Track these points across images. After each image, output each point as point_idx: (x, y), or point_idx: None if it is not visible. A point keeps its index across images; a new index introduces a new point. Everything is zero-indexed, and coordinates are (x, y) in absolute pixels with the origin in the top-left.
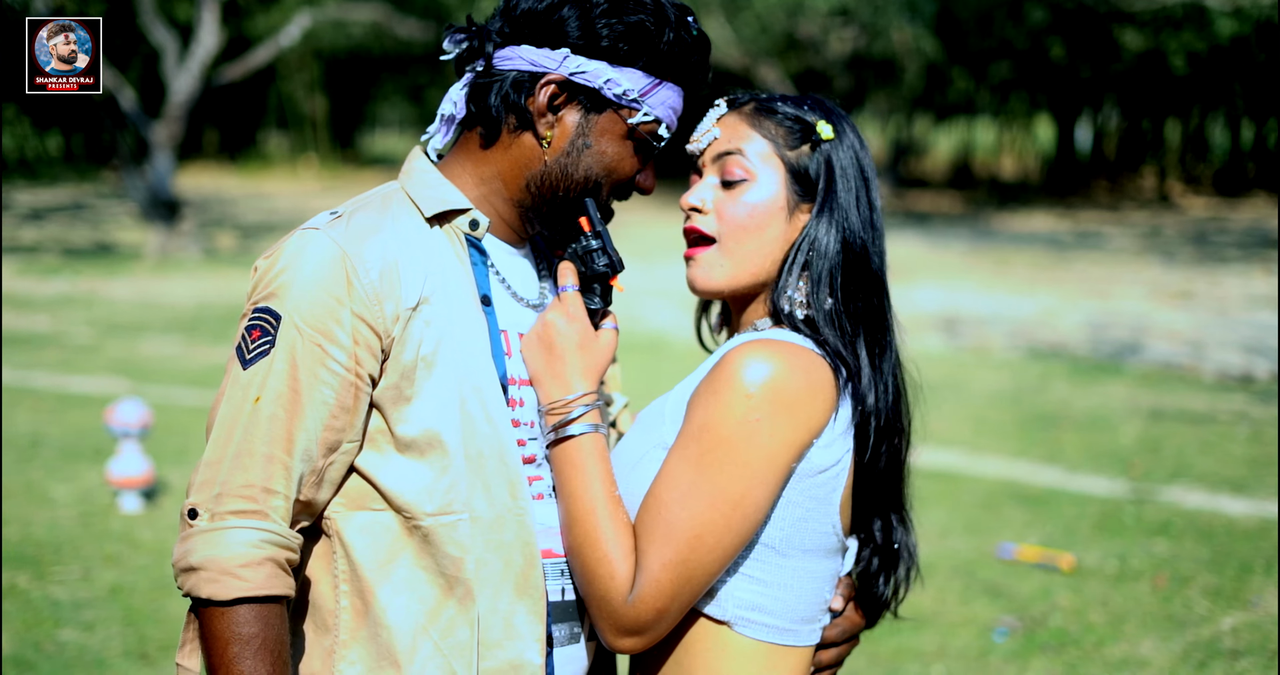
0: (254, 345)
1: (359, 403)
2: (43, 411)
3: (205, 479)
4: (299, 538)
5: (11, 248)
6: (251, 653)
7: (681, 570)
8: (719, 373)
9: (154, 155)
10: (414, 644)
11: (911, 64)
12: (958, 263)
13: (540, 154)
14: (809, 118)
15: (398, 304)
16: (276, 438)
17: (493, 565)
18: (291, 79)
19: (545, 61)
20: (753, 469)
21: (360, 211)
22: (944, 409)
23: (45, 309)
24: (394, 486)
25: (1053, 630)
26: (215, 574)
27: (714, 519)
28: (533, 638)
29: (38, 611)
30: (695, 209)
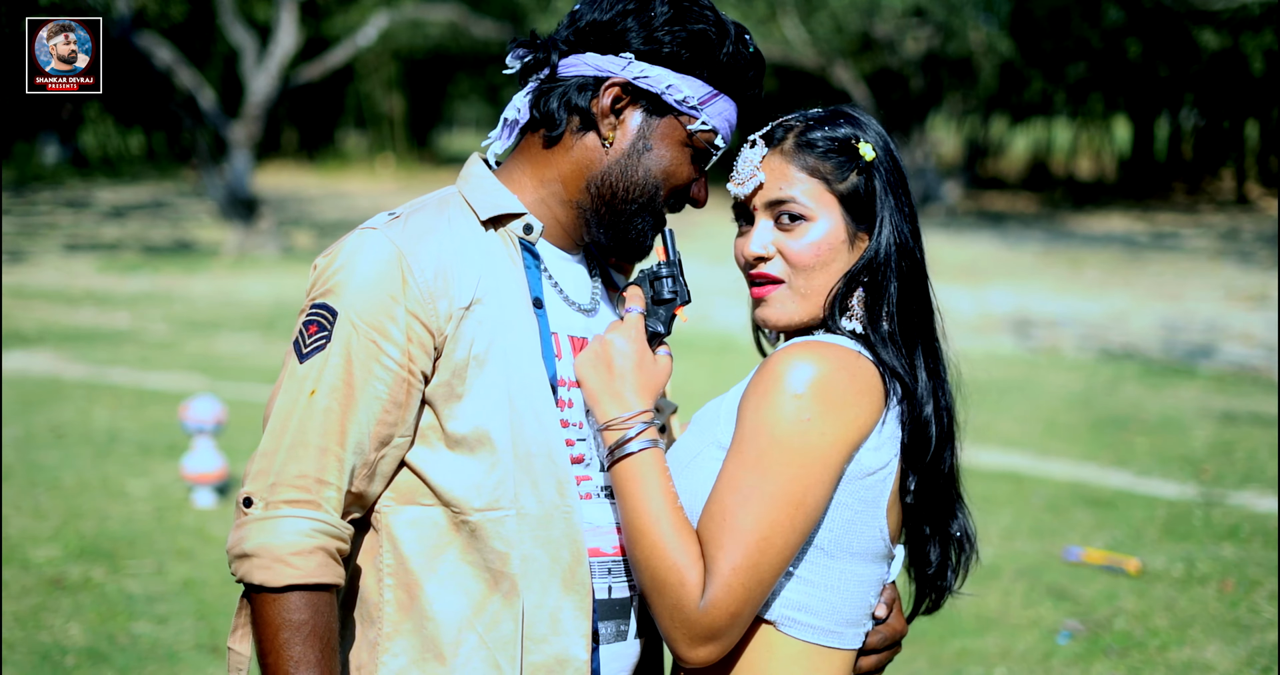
0: (310, 340)
1: (411, 398)
2: (121, 407)
3: (260, 469)
4: (350, 528)
5: (93, 245)
6: (301, 639)
7: (752, 573)
8: (766, 374)
9: (232, 154)
10: (459, 637)
11: (986, 64)
12: (1031, 263)
13: (602, 154)
14: (849, 140)
15: (451, 303)
16: (330, 430)
17: (540, 561)
18: (369, 78)
19: (609, 66)
20: (809, 468)
21: (418, 213)
22: (1014, 411)
23: (125, 306)
24: (443, 481)
25: (1117, 633)
26: (268, 561)
27: (779, 519)
28: (579, 633)
29: (112, 604)
30: (760, 257)
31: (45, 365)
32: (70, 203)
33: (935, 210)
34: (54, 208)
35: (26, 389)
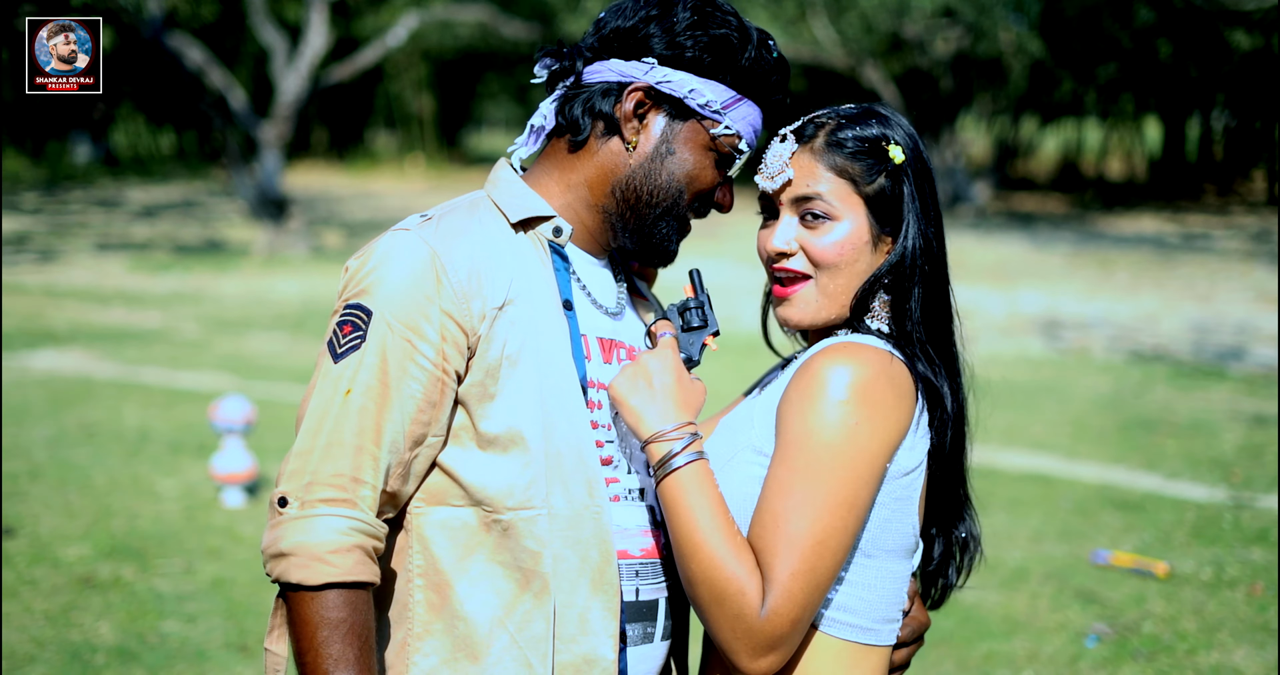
0: (345, 340)
1: (445, 398)
2: (152, 406)
3: (296, 468)
4: (385, 527)
5: (124, 244)
6: (340, 637)
7: (810, 577)
8: (809, 379)
9: (263, 154)
10: (490, 636)
11: (1016, 64)
12: (1061, 265)
13: (625, 159)
14: (879, 141)
15: (484, 303)
16: (366, 429)
17: (569, 561)
18: (399, 78)
19: (632, 72)
20: (859, 471)
21: (449, 215)
22: (1043, 412)
23: (156, 305)
24: (476, 481)
25: (1145, 637)
26: (305, 560)
27: (833, 524)
28: (606, 634)
29: (142, 603)
30: (782, 253)
31: (76, 364)
32: (102, 202)
33: (965, 211)
34: (85, 207)
35: (58, 388)
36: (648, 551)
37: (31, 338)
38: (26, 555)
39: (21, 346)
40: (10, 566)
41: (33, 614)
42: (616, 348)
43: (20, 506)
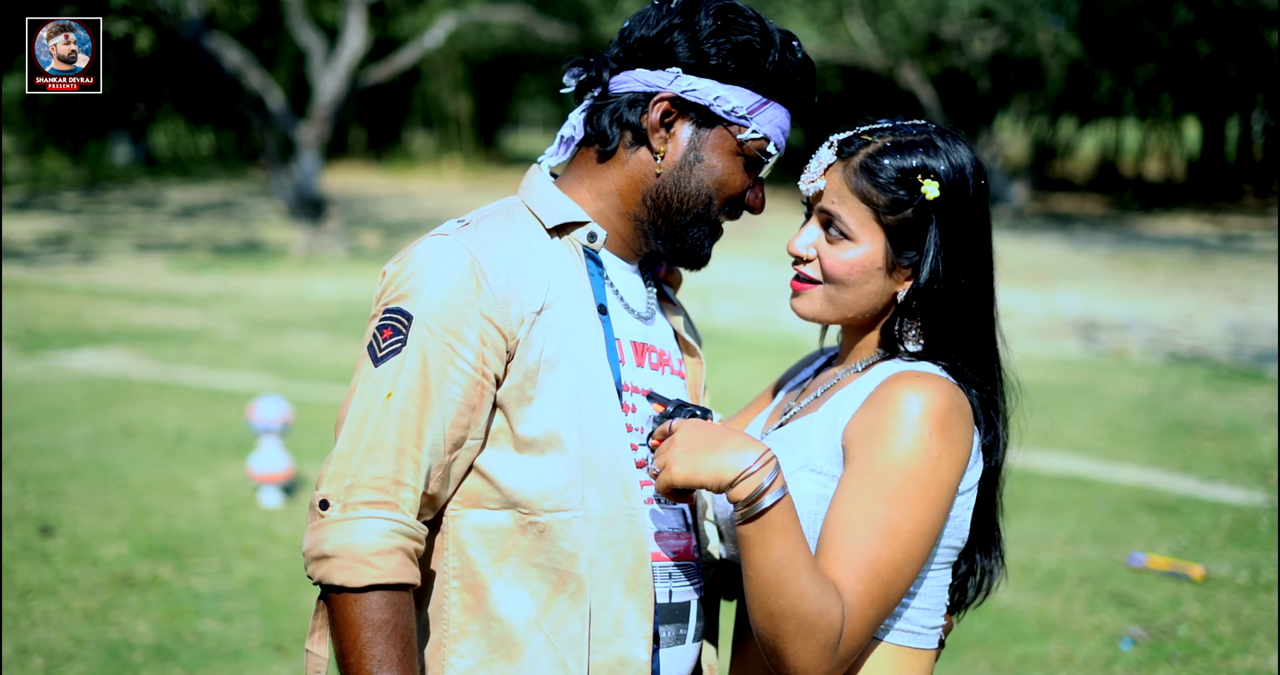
0: (386, 344)
1: (484, 401)
2: (190, 406)
3: (337, 471)
4: (425, 529)
5: (163, 244)
6: (383, 638)
7: (885, 602)
8: (887, 407)
9: (300, 155)
10: (526, 637)
11: (1054, 65)
12: (1099, 266)
13: (654, 168)
14: (914, 173)
15: (523, 307)
16: (407, 432)
17: (604, 563)
18: (437, 79)
19: (658, 81)
20: (939, 501)
21: (487, 220)
22: (1080, 415)
23: (195, 305)
24: (513, 483)
25: (1180, 640)
26: (348, 562)
27: (910, 551)
28: (640, 635)
29: (179, 602)
30: (800, 258)
31: (116, 364)
32: (141, 202)
33: (1002, 212)
34: (125, 207)
35: (97, 388)
36: (680, 554)
37: (72, 338)
38: (65, 554)
39: (62, 346)
40: (49, 565)
41: (71, 612)
42: (648, 352)
43: (59, 506)
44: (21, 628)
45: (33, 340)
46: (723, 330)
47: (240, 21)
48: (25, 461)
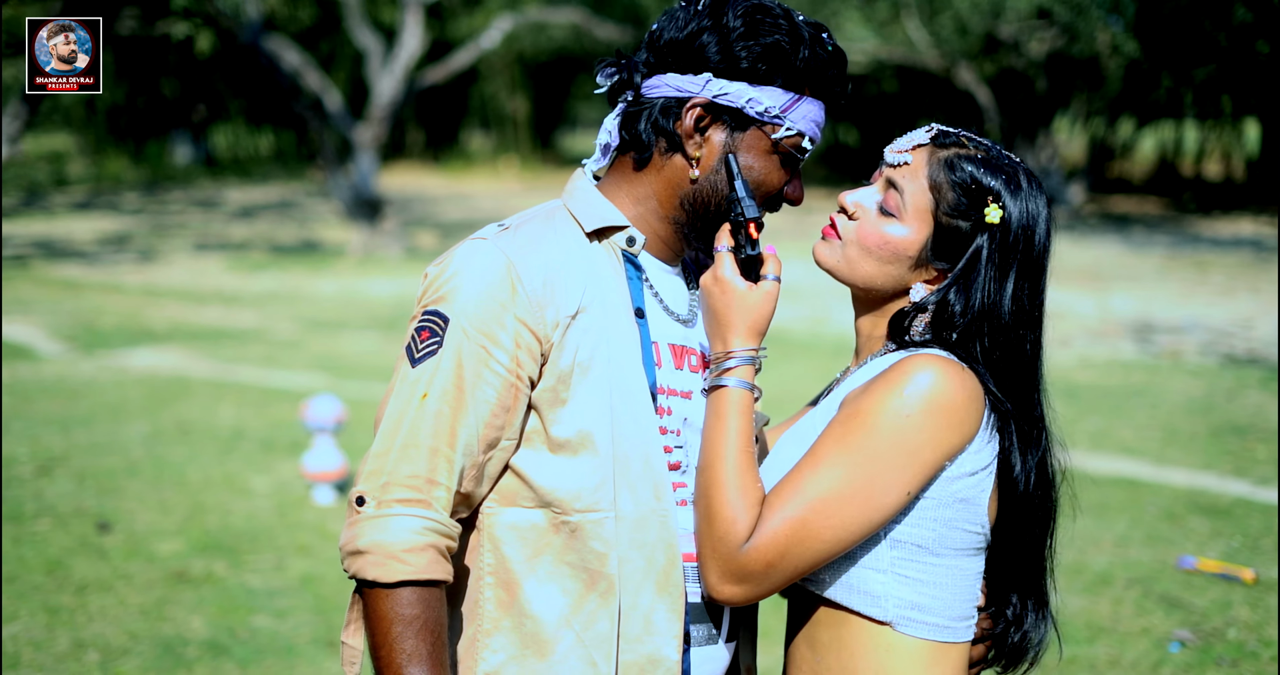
0: (423, 345)
1: (518, 403)
2: (246, 405)
3: (373, 469)
4: (458, 527)
5: (222, 244)
6: (414, 633)
7: (798, 528)
8: (886, 376)
9: (357, 155)
10: (557, 635)
11: (1112, 64)
12: (1156, 267)
13: (691, 173)
14: (987, 194)
15: (558, 311)
16: (441, 432)
17: (635, 563)
18: (494, 80)
19: (689, 86)
20: (892, 457)
21: (526, 225)
22: (1133, 417)
23: (253, 305)
24: (546, 483)
25: (1230, 643)
26: (381, 558)
27: (839, 490)
28: (671, 635)
29: (233, 598)
30: (845, 210)
31: (173, 363)
32: (201, 203)
33: (1059, 213)
34: (185, 207)
35: (155, 386)
36: None
37: (130, 336)
38: (122, 550)
39: (120, 345)
40: (106, 561)
41: (127, 607)
42: (688, 354)
43: (117, 502)
44: (78, 622)
45: (92, 339)
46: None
47: (299, 23)
48: (84, 459)
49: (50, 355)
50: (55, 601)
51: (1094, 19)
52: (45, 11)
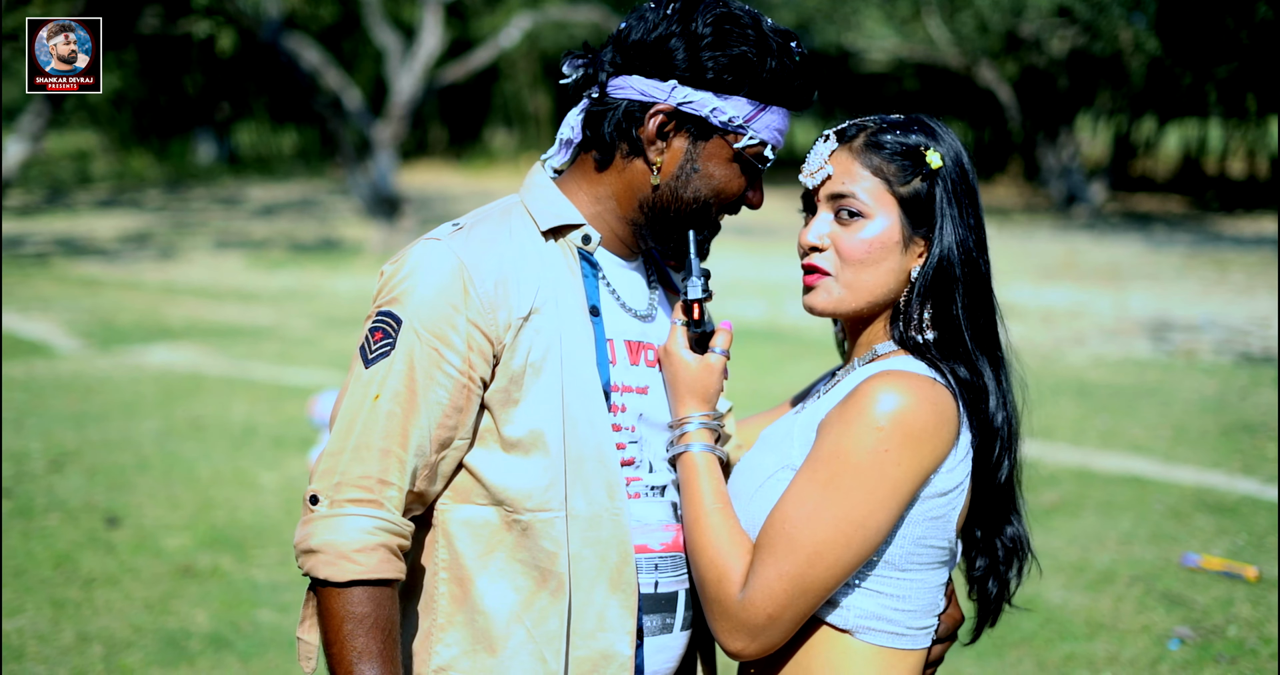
0: (376, 346)
1: (471, 403)
2: (259, 401)
3: (327, 468)
4: (411, 525)
5: (242, 242)
6: (364, 631)
7: (798, 582)
8: (853, 403)
9: (377, 153)
10: (508, 630)
11: (1134, 62)
12: (1175, 266)
13: (651, 179)
14: (918, 147)
15: (510, 313)
16: (393, 433)
17: (589, 560)
18: (515, 78)
19: (654, 92)
20: (878, 496)
21: (481, 224)
22: (1144, 415)
23: (270, 302)
24: (498, 481)
25: (1229, 641)
26: (332, 557)
27: (835, 539)
28: (624, 631)
29: (238, 592)
30: (815, 248)
31: (188, 360)
32: (223, 200)
33: (1080, 211)
34: (207, 205)
35: (169, 383)
36: (668, 545)
37: (147, 333)
38: (130, 544)
39: (137, 342)
40: (114, 555)
41: (132, 601)
42: (645, 350)
43: (127, 497)
44: (84, 615)
45: (109, 336)
46: (791, 329)
47: (321, 22)
48: (96, 454)
49: (67, 352)
50: (62, 595)
51: (1115, 17)
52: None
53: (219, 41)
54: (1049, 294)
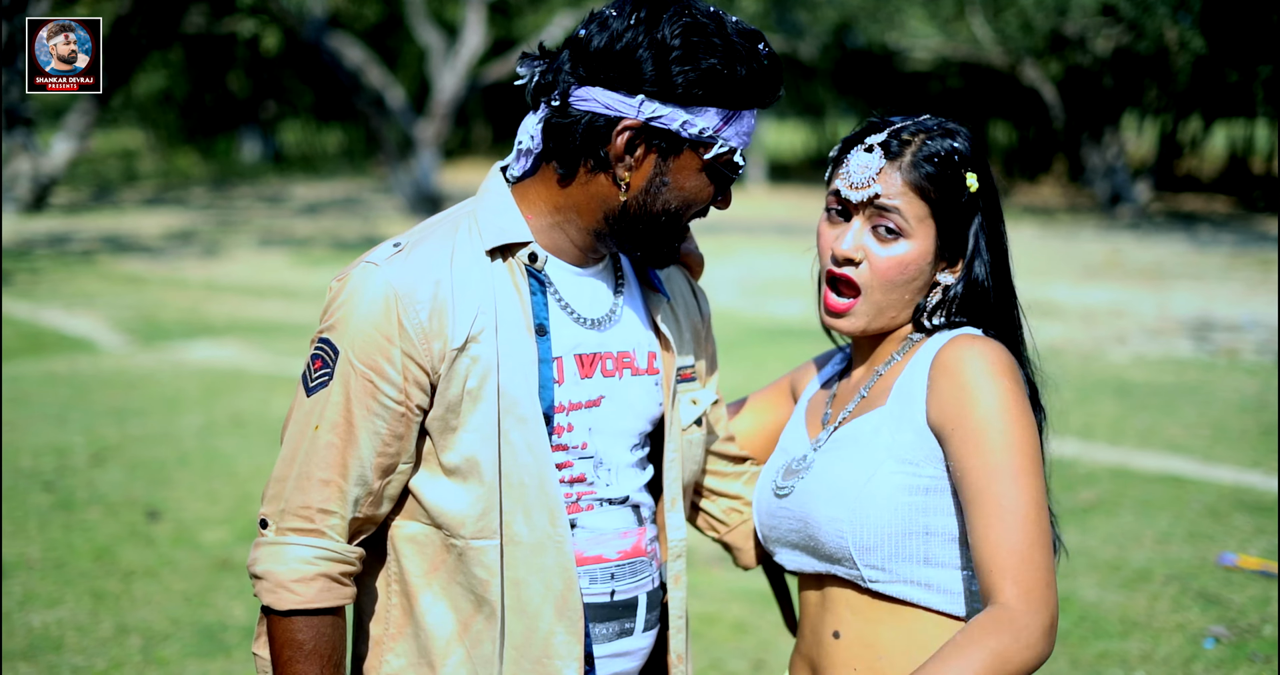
0: (316, 375)
1: (410, 431)
2: None
3: (274, 494)
4: (356, 551)
5: (286, 240)
6: (303, 657)
7: (1049, 565)
8: (958, 373)
9: (419, 151)
10: (447, 650)
11: (1180, 61)
12: (1219, 266)
13: (618, 194)
14: (960, 167)
15: (445, 343)
16: (333, 463)
17: (534, 587)
18: None
19: (621, 107)
20: (1037, 442)
21: (423, 244)
22: (1183, 415)
23: (312, 299)
24: (436, 505)
25: (1265, 640)
26: (273, 585)
27: (1030, 510)
28: (571, 657)
29: None
30: (850, 259)
31: (230, 356)
32: (267, 198)
33: (1125, 211)
34: (251, 203)
35: (211, 379)
36: (625, 553)
37: (189, 329)
38: (169, 538)
39: (179, 338)
40: (153, 548)
41: (171, 594)
42: (601, 360)
43: (167, 492)
44: (123, 607)
45: (152, 332)
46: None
47: (365, 21)
48: (137, 449)
49: (110, 348)
50: (101, 587)
51: (1160, 15)
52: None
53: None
54: (1091, 293)
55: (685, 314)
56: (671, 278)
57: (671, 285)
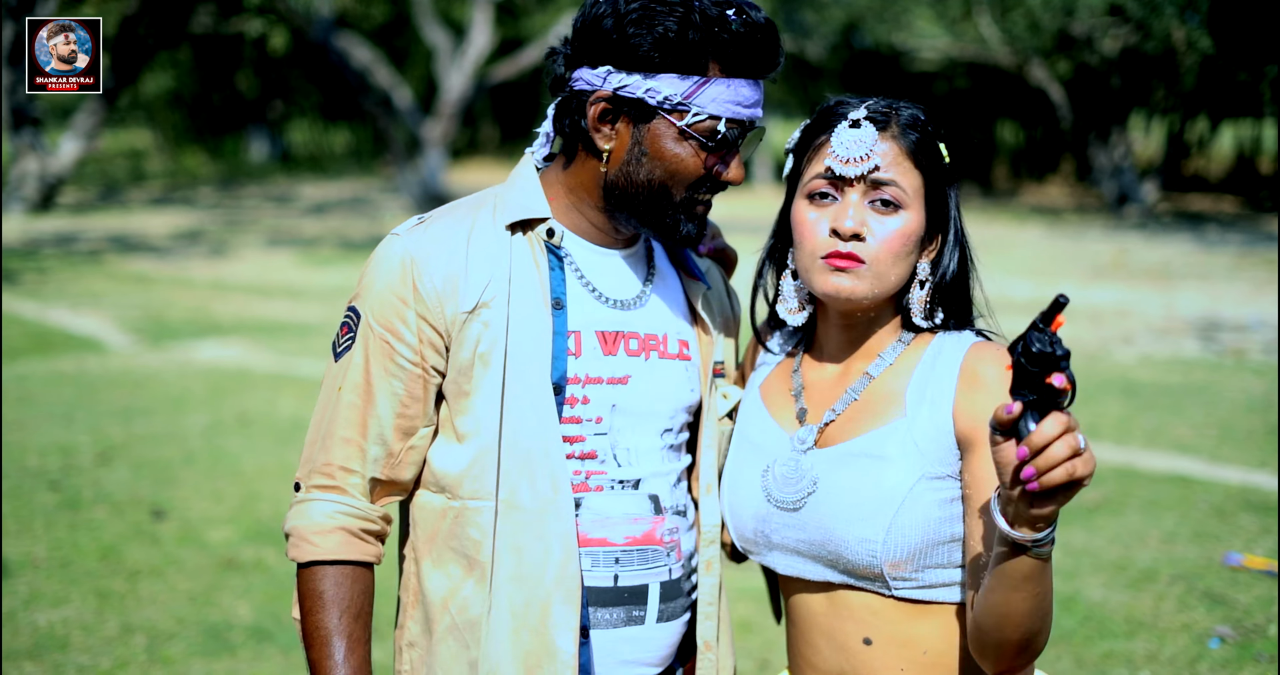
0: (342, 340)
1: (428, 393)
2: (305, 397)
3: (305, 457)
4: (379, 510)
5: (293, 239)
6: (322, 606)
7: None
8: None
9: (427, 151)
10: (440, 615)
11: (1187, 61)
12: (1226, 266)
13: (602, 167)
14: (936, 138)
15: (457, 307)
16: (354, 423)
17: (534, 554)
18: None
19: (594, 80)
20: None
21: (444, 217)
22: (1190, 415)
23: (318, 299)
24: (441, 468)
25: (1270, 640)
26: (298, 540)
27: None
28: (567, 627)
29: (280, 585)
30: (856, 234)
31: (237, 355)
32: (275, 198)
33: (1132, 211)
34: (259, 203)
35: (217, 378)
36: (634, 539)
37: (196, 329)
38: (175, 537)
39: (186, 337)
40: (159, 547)
41: (176, 593)
42: (625, 339)
43: (173, 491)
44: (128, 606)
45: (159, 331)
46: None
47: (373, 21)
48: (143, 448)
49: (117, 347)
50: (107, 586)
51: (1168, 15)
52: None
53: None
54: (1098, 293)
55: (719, 309)
56: (710, 272)
57: (710, 279)
